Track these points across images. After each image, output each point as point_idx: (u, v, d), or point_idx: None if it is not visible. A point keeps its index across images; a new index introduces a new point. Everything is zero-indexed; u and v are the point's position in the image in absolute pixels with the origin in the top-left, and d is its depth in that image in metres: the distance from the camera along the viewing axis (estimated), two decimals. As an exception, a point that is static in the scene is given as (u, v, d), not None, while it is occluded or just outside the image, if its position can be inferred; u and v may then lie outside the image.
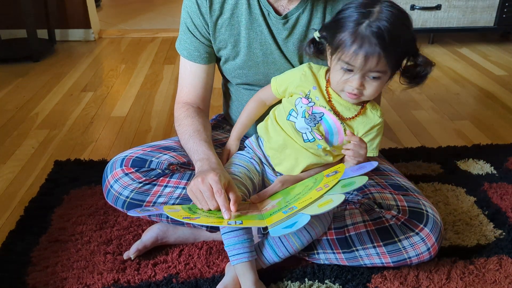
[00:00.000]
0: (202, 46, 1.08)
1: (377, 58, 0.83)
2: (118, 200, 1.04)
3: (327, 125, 0.97)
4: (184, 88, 1.14)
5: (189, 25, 1.06)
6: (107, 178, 1.05)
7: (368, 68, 0.85)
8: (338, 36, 0.87)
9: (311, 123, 0.96)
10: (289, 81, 0.99)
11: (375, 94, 0.91)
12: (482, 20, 2.54)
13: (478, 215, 1.24)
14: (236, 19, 1.03)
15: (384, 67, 0.86)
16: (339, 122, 0.96)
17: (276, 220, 0.81)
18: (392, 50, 0.83)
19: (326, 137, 0.97)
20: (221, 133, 1.24)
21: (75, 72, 2.41)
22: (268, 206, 0.90)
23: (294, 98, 0.99)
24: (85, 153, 1.60)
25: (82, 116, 1.90)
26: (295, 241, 0.96)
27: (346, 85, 0.90)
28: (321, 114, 0.96)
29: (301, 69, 0.99)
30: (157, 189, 1.04)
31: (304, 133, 0.98)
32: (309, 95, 0.96)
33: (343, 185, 0.86)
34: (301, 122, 0.97)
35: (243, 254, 0.91)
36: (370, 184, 1.05)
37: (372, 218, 0.98)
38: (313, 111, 0.96)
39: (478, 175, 1.44)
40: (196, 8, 1.03)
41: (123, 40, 3.00)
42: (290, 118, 0.99)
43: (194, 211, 0.90)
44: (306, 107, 0.96)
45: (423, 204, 0.99)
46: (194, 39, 1.07)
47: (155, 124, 1.82)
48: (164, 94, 2.12)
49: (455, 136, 1.72)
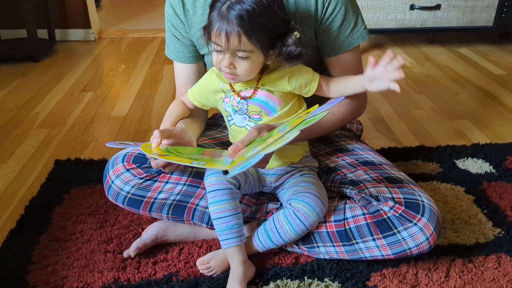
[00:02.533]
0: (185, 47, 1.13)
1: (237, 37, 0.87)
2: (119, 195, 1.05)
3: (255, 100, 1.00)
4: (178, 87, 1.21)
5: (170, 28, 1.12)
6: (108, 174, 1.06)
7: (233, 47, 0.89)
8: (209, 16, 0.91)
9: (243, 111, 1.00)
10: (205, 92, 1.05)
11: (249, 73, 0.94)
12: (481, 20, 2.55)
13: (477, 214, 1.25)
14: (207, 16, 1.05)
15: (248, 46, 0.89)
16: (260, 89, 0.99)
17: (237, 162, 0.82)
18: (253, 30, 0.87)
19: (264, 110, 1.00)
20: (219, 132, 1.25)
21: (75, 72, 2.41)
22: (239, 153, 0.91)
23: (220, 106, 1.04)
24: (85, 153, 1.60)
25: (82, 116, 1.90)
26: (288, 229, 0.98)
27: (221, 65, 0.93)
28: (244, 97, 0.99)
29: (206, 75, 1.05)
30: (158, 185, 1.05)
31: (245, 125, 1.02)
32: (226, 93, 1.01)
33: (305, 122, 0.87)
34: (237, 117, 1.02)
35: (232, 239, 0.96)
36: (365, 180, 1.06)
37: (370, 211, 0.99)
38: (237, 100, 1.00)
39: (477, 174, 1.44)
40: (172, 11, 1.09)
41: (123, 40, 3.01)
42: (230, 123, 1.04)
43: (169, 151, 0.91)
44: (231, 102, 1.01)
45: (418, 194, 1.00)
46: (176, 41, 1.13)
47: (155, 124, 1.82)
48: (164, 93, 2.13)
49: (454, 135, 1.73)
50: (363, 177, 1.07)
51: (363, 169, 1.10)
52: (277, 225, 0.99)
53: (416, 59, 2.56)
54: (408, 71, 2.38)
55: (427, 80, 2.27)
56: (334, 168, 1.13)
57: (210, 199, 0.96)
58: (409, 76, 2.32)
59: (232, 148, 0.92)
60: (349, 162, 1.13)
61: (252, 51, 0.91)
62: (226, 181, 0.95)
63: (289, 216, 0.98)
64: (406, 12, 2.50)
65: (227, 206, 0.94)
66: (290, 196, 1.01)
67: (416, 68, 2.43)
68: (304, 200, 0.98)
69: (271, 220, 1.01)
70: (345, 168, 1.11)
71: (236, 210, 0.96)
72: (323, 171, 1.14)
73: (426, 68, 2.42)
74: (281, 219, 0.99)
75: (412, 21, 2.53)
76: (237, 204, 0.97)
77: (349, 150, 1.18)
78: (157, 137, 0.90)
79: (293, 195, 1.01)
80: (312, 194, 0.99)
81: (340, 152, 1.17)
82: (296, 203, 0.98)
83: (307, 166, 1.09)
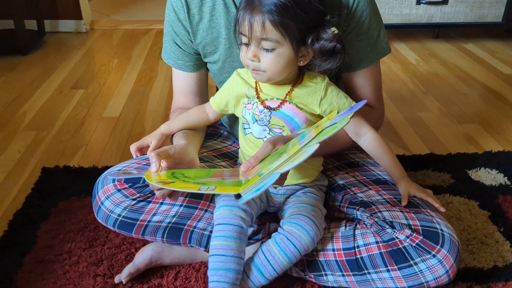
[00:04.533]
0: (186, 55, 1.04)
1: (261, 23, 0.79)
2: (109, 218, 0.96)
3: (279, 113, 0.91)
4: (176, 94, 1.12)
5: (171, 34, 1.03)
6: (98, 194, 0.97)
7: (256, 35, 0.80)
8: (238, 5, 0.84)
9: (265, 121, 0.92)
10: (227, 95, 0.96)
11: (275, 69, 0.84)
12: (490, 15, 2.45)
13: (493, 233, 1.17)
14: (215, 21, 0.98)
15: (274, 35, 0.80)
16: (288, 103, 0.90)
17: (251, 184, 0.72)
18: (280, 16, 0.79)
19: (288, 126, 0.92)
20: (219, 142, 1.17)
21: (66, 66, 2.30)
22: (253, 171, 0.82)
23: (240, 112, 0.95)
24: (75, 158, 1.51)
25: (72, 116, 1.80)
26: (281, 257, 0.88)
27: (246, 59, 0.85)
28: (268, 107, 0.91)
29: (231, 79, 0.96)
30: (152, 207, 0.97)
31: (264, 137, 0.93)
32: (250, 98, 0.93)
33: (325, 132, 0.77)
34: (256, 127, 0.93)
35: (224, 283, 0.83)
36: (378, 201, 0.98)
37: (384, 239, 0.91)
38: (260, 109, 0.92)
39: (491, 186, 1.36)
40: (175, 16, 0.99)
41: (116, 31, 2.89)
42: (246, 132, 0.95)
43: (176, 176, 0.81)
44: (253, 110, 0.92)
45: (437, 222, 0.91)
46: (176, 47, 1.04)
47: (149, 126, 1.73)
48: (159, 91, 2.03)
49: (464, 141, 1.65)
50: (375, 198, 0.99)
51: (375, 189, 1.01)
52: (268, 256, 0.89)
53: (421, 55, 2.47)
54: (414, 69, 2.28)
55: (433, 79, 2.18)
56: (344, 186, 1.04)
57: (216, 232, 0.86)
58: (415, 74, 2.22)
59: (245, 166, 0.83)
60: (359, 180, 1.04)
61: (279, 42, 0.81)
62: (239, 217, 0.85)
63: (282, 243, 0.88)
64: (412, 7, 2.40)
65: (232, 245, 0.84)
66: (285, 219, 0.92)
67: (421, 65, 2.33)
68: (297, 223, 0.89)
69: (260, 253, 0.90)
70: (356, 186, 1.03)
71: (240, 254, 0.85)
72: (331, 188, 1.05)
73: (432, 66, 2.33)
74: (272, 248, 0.88)
75: (418, 16, 2.43)
76: (243, 247, 0.86)
77: (360, 165, 1.09)
78: (155, 162, 0.82)
79: (288, 217, 0.92)
80: (307, 217, 0.89)
81: (350, 167, 1.09)
82: (289, 226, 0.89)
83: (316, 185, 1.00)
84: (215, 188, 0.73)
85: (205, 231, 0.98)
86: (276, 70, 0.85)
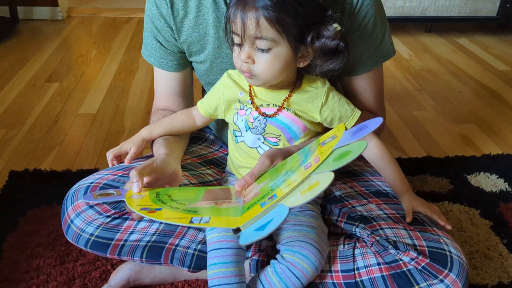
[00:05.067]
0: (169, 54, 0.93)
1: (255, 19, 0.70)
2: (80, 238, 0.85)
3: (276, 121, 0.83)
4: (158, 95, 1.01)
5: (152, 30, 0.92)
6: (67, 211, 0.86)
7: (250, 33, 0.71)
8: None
9: (259, 130, 0.83)
10: (217, 99, 0.86)
11: (270, 71, 0.75)
12: (484, 10, 2.38)
13: (496, 245, 1.10)
14: (202, 18, 0.88)
15: (270, 33, 0.71)
16: (286, 111, 0.82)
17: (251, 216, 0.62)
18: (276, 12, 0.70)
19: (285, 134, 0.83)
20: (205, 147, 1.07)
21: (40, 57, 2.15)
22: (251, 193, 0.72)
23: (231, 118, 0.86)
24: (47, 160, 1.39)
25: (45, 113, 1.67)
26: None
27: (239, 61, 0.76)
28: (263, 115, 0.82)
29: (222, 81, 0.87)
30: (129, 224, 0.87)
31: (258, 147, 0.84)
32: (243, 103, 0.84)
33: (336, 157, 0.67)
34: (249, 136, 0.84)
35: None
36: (379, 217, 0.89)
37: (387, 261, 0.82)
38: (254, 116, 0.83)
39: (491, 193, 1.29)
40: (156, 10, 0.89)
41: (95, 20, 2.74)
42: (238, 140, 0.86)
43: (161, 199, 0.71)
44: (246, 116, 0.83)
45: (444, 242, 0.83)
46: (158, 45, 0.93)
47: (129, 124, 1.61)
48: (140, 86, 1.91)
49: (461, 142, 1.58)
50: (376, 212, 0.90)
51: (376, 202, 0.92)
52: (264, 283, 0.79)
53: (414, 50, 2.39)
54: (407, 64, 2.21)
55: (427, 75, 2.10)
56: (341, 197, 0.95)
57: (213, 259, 0.76)
58: (408, 70, 2.15)
59: (240, 184, 0.74)
60: (358, 191, 0.96)
61: (275, 41, 0.72)
62: (235, 237, 0.75)
63: (283, 273, 0.78)
64: (406, 0, 2.31)
65: (233, 271, 0.74)
66: (283, 243, 0.82)
67: (415, 61, 2.26)
68: (300, 252, 0.79)
69: (259, 284, 0.79)
70: (354, 198, 0.94)
71: (242, 278, 0.76)
72: (327, 200, 0.96)
73: (425, 61, 2.26)
74: (272, 278, 0.78)
75: (411, 9, 2.35)
76: (243, 270, 0.77)
77: (358, 174, 1.00)
78: (137, 182, 0.72)
79: (287, 243, 0.82)
80: (310, 245, 0.79)
81: (347, 177, 1.00)
82: (291, 256, 0.79)
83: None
84: (210, 219, 0.64)
85: (189, 249, 0.88)
86: (273, 72, 0.76)
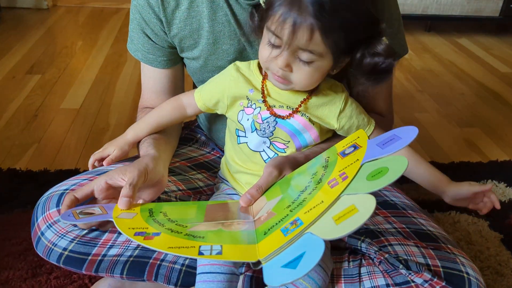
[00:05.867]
0: (158, 49, 0.84)
1: (309, 31, 0.61)
2: (52, 252, 0.75)
3: (287, 126, 0.73)
4: (146, 93, 0.91)
5: (139, 22, 0.82)
6: (37, 222, 0.77)
7: (297, 44, 0.63)
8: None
9: (267, 133, 0.74)
10: (220, 93, 0.76)
11: (307, 83, 0.68)
12: (487, 9, 2.32)
13: (508, 260, 1.03)
14: (196, 10, 0.79)
15: (319, 47, 0.63)
16: (300, 116, 0.73)
17: (273, 247, 0.52)
18: (333, 26, 0.62)
19: (294, 142, 0.75)
20: (195, 149, 0.98)
21: (21, 48, 2.04)
22: (262, 212, 0.63)
23: (234, 115, 0.76)
24: (23, 159, 1.28)
25: (24, 107, 1.56)
26: None
27: (272, 63, 0.67)
28: (273, 116, 0.73)
29: (228, 74, 0.76)
30: (108, 237, 0.76)
31: (262, 151, 0.75)
32: (251, 101, 0.74)
33: (371, 174, 0.55)
34: (254, 138, 0.75)
35: None
36: (387, 231, 0.80)
37: (397, 282, 0.74)
38: (263, 117, 0.73)
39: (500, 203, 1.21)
40: (144, 0, 0.79)
41: (82, 10, 2.63)
42: (241, 141, 0.77)
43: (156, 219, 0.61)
44: (253, 116, 0.73)
45: (461, 263, 0.75)
46: (146, 39, 0.83)
47: (114, 121, 1.51)
48: (127, 81, 1.80)
49: (465, 147, 1.50)
50: (383, 226, 0.81)
51: (383, 214, 0.84)
52: None
53: (414, 49, 2.31)
54: (407, 64, 2.13)
55: (428, 76, 2.03)
56: (345, 208, 0.86)
57: (200, 284, 0.66)
58: (409, 70, 2.07)
59: (245, 200, 0.66)
60: (364, 203, 0.87)
61: (322, 55, 0.64)
62: (230, 262, 0.65)
63: None
64: (407, -3, 2.24)
65: None
66: None
67: (415, 60, 2.18)
68: None
69: None
70: (359, 210, 0.85)
71: None
72: (329, 211, 0.87)
73: (426, 61, 2.18)
74: None
75: (413, 6, 2.27)
76: None
77: (362, 182, 0.92)
78: (128, 199, 0.63)
79: None
80: None
81: (351, 185, 0.91)
82: None
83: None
84: (222, 248, 0.53)
85: (176, 265, 0.78)
86: (310, 82, 0.68)
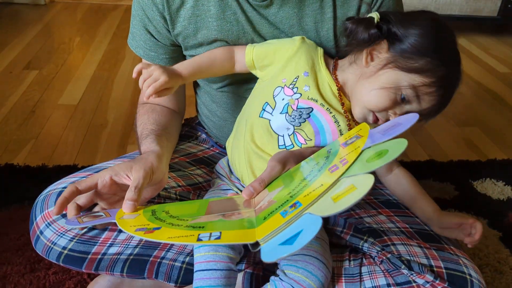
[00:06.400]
0: (160, 47, 0.82)
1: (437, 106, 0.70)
2: (52, 251, 0.75)
3: (317, 124, 0.73)
4: None
5: (142, 18, 0.80)
6: (36, 221, 0.76)
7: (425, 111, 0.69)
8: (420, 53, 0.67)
9: (295, 121, 0.72)
10: (275, 55, 0.74)
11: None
12: (486, 9, 2.32)
13: (507, 258, 1.03)
14: (202, 8, 0.76)
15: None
16: (333, 122, 0.73)
17: (272, 228, 0.52)
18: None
19: (315, 140, 0.73)
20: (194, 145, 0.97)
21: (19, 43, 2.02)
22: (264, 201, 0.63)
23: (272, 86, 0.74)
24: (20, 154, 1.27)
25: (21, 103, 1.55)
26: None
27: (388, 112, 0.68)
28: (310, 109, 0.72)
29: (293, 43, 0.73)
30: (108, 235, 0.76)
31: (282, 135, 0.73)
32: (296, 83, 0.72)
33: (371, 157, 0.57)
34: (280, 119, 0.72)
35: None
36: (390, 230, 0.80)
37: (398, 281, 0.73)
38: (299, 105, 0.72)
39: (499, 201, 1.22)
40: None
41: (80, 6, 2.61)
42: (263, 115, 0.74)
43: (158, 217, 0.61)
44: (290, 99, 0.72)
45: (464, 264, 0.75)
46: (148, 36, 0.81)
47: (112, 117, 1.50)
48: (125, 77, 1.79)
49: (465, 146, 1.50)
50: (386, 225, 0.81)
51: (386, 213, 0.83)
52: None
53: (412, 48, 2.31)
54: (406, 63, 2.13)
55: (427, 75, 2.03)
56: (346, 206, 0.86)
57: (200, 281, 0.65)
58: (407, 69, 2.07)
59: (247, 192, 0.65)
60: (366, 200, 0.87)
61: None
62: (227, 258, 0.66)
63: None
64: (406, -5, 2.23)
65: None
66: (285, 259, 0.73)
67: (413, 59, 2.18)
68: (305, 268, 0.69)
69: None
70: (362, 208, 0.85)
71: None
72: (330, 208, 0.87)
73: (424, 60, 2.18)
74: None
75: (411, 5, 2.26)
76: None
77: (364, 180, 0.91)
78: (133, 202, 0.62)
79: (289, 258, 0.72)
80: (315, 259, 0.70)
81: (353, 183, 0.91)
82: (294, 272, 0.69)
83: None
84: (221, 234, 0.52)
85: (176, 262, 0.78)
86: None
